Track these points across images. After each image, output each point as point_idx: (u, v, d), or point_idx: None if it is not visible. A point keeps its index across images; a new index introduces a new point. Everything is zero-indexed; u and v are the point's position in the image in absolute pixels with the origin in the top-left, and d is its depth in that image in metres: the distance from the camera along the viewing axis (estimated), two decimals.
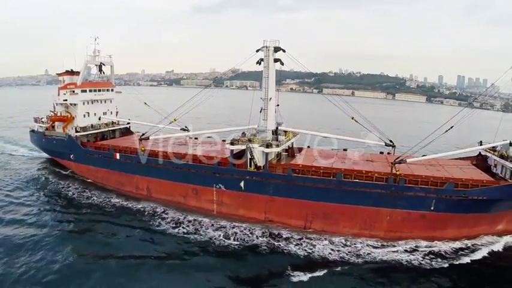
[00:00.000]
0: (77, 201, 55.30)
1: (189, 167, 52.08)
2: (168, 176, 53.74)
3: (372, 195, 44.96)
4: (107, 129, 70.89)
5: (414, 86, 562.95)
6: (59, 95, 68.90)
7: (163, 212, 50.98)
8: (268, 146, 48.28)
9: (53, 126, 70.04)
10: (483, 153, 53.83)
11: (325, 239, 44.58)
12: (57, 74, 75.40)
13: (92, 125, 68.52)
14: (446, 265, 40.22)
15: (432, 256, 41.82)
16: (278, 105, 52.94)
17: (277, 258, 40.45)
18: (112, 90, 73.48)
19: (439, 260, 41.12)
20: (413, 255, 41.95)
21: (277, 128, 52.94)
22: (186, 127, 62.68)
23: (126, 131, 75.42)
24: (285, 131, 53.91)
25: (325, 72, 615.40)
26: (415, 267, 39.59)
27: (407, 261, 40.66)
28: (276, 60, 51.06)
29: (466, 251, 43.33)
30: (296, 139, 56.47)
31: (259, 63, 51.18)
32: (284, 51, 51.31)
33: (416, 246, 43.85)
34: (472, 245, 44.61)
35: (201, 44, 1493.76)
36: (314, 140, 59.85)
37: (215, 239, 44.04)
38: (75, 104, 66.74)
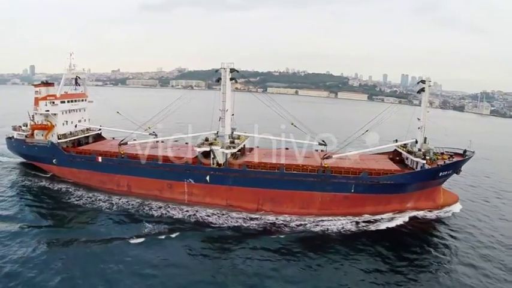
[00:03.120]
0: (58, 198, 64.59)
1: (165, 166, 63.70)
2: (146, 174, 64.64)
3: (307, 182, 59.48)
4: (83, 135, 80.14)
5: (357, 84, 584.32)
6: (37, 105, 76.12)
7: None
8: (227, 147, 61.75)
9: (32, 134, 78.07)
10: (398, 149, 69.69)
11: (178, 208, 60.20)
12: (33, 85, 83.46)
13: (70, 132, 77.51)
14: (364, 231, 54.94)
15: (351, 225, 56.52)
16: (233, 114, 66.02)
17: (139, 218, 56.93)
18: (85, 100, 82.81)
19: (359, 228, 55.87)
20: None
21: (232, 132, 66.18)
22: (154, 132, 73.88)
23: (98, 137, 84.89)
24: (239, 135, 67.28)
25: (270, 71, 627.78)
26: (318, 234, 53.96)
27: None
28: (231, 79, 63.86)
29: (381, 222, 57.97)
30: (247, 141, 70.16)
31: (218, 81, 63.82)
32: (238, 71, 64.43)
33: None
34: (385, 218, 59.30)
35: (148, 42, 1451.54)
36: (261, 140, 73.51)
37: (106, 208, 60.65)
38: (55, 114, 75.18)
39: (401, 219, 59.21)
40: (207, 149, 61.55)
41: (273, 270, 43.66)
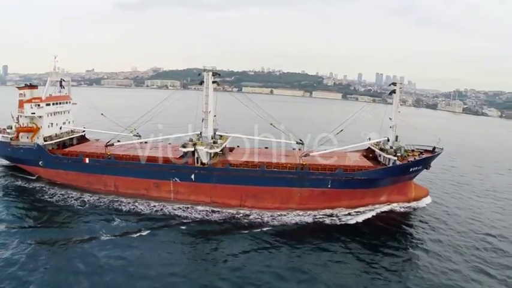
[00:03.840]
0: (43, 199, 65.71)
1: (151, 165, 66.27)
2: (133, 174, 66.99)
3: (286, 179, 63.50)
4: (67, 137, 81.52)
5: (331, 83, 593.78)
6: (22, 107, 76.38)
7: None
8: (210, 147, 65.06)
9: (17, 136, 78.81)
10: (371, 147, 74.44)
11: (146, 203, 63.68)
12: (17, 87, 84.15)
13: (56, 134, 78.85)
14: (340, 223, 59.30)
15: (329, 218, 60.80)
16: (215, 115, 69.32)
17: (113, 211, 60.98)
18: (70, 102, 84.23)
19: (336, 220, 60.26)
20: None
21: (215, 133, 69.46)
22: (138, 134, 76.30)
23: (82, 138, 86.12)
24: (221, 135, 70.53)
25: (246, 70, 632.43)
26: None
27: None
28: (214, 82, 67.18)
29: (356, 214, 62.59)
30: (229, 141, 73.20)
31: (201, 84, 67.07)
32: (220, 75, 67.75)
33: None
34: (361, 210, 63.99)
35: (123, 42, 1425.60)
36: (243, 140, 77.03)
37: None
38: (40, 116, 76.00)
39: (370, 213, 63.81)
40: (191, 149, 64.69)
41: (240, 256, 47.92)
